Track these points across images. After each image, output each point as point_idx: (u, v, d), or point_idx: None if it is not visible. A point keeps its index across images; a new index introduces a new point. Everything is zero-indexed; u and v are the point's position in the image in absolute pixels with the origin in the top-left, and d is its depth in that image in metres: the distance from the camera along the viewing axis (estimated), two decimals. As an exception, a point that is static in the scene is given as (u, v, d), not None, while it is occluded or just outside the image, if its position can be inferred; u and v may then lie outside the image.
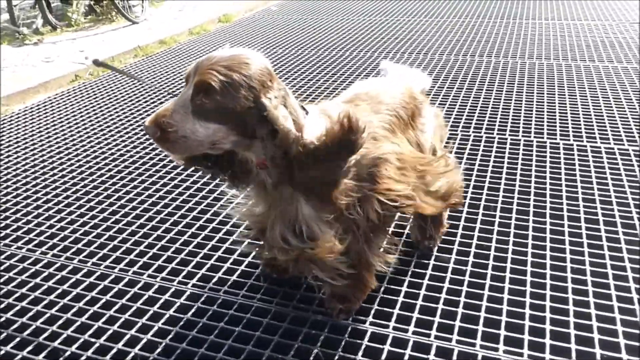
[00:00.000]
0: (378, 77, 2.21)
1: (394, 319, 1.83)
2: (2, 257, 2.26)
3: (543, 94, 3.71)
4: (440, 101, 3.62)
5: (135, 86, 4.30)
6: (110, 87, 4.32)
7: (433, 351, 1.69)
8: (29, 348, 1.78)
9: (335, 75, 4.23)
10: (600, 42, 4.85)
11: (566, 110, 3.44)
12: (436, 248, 2.16)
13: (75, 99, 4.12)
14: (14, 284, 2.09)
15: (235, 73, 1.38)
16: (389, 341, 1.74)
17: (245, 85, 1.39)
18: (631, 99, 3.56)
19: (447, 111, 3.46)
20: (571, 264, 2.06)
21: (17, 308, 1.96)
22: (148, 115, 3.65)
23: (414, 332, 1.77)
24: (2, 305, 1.98)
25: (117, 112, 3.78)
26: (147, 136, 1.44)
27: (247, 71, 1.40)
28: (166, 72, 4.62)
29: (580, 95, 3.66)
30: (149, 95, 4.07)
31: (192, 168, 1.74)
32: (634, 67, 4.16)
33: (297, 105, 1.53)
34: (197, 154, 1.49)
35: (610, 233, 2.23)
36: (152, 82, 3.74)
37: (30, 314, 1.93)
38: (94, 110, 3.86)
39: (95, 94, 4.19)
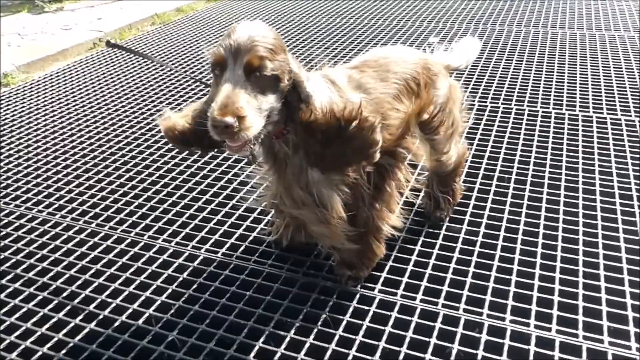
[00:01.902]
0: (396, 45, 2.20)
1: (402, 286, 1.86)
2: (23, 219, 2.32)
3: (564, 64, 3.65)
4: (458, 72, 3.57)
5: (153, 55, 4.31)
6: (129, 55, 4.34)
7: (440, 319, 1.72)
8: (50, 306, 1.84)
9: (351, 45, 4.19)
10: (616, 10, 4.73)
11: (587, 81, 3.38)
12: (447, 218, 2.17)
13: (94, 67, 4.15)
14: (35, 245, 2.16)
15: (271, 39, 1.38)
16: (396, 308, 1.77)
17: (280, 49, 1.40)
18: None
19: (465, 82, 3.42)
20: (583, 236, 2.05)
21: (38, 268, 2.03)
22: (165, 84, 3.68)
23: (422, 300, 1.80)
24: (25, 265, 2.05)
25: (134, 80, 3.81)
26: (217, 134, 1.31)
27: (275, 36, 1.41)
28: (183, 40, 4.62)
29: (603, 66, 3.59)
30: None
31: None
32: (659, 39, 4.06)
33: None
34: (259, 135, 1.39)
35: (625, 207, 2.21)
36: (165, 62, 3.74)
37: (50, 274, 1.99)
38: (111, 77, 3.89)
39: (113, 62, 4.22)
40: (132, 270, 2.00)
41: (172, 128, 1.56)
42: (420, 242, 2.06)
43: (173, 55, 4.25)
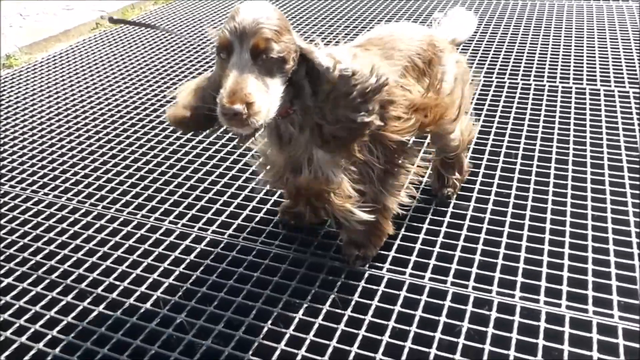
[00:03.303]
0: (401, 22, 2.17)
1: (410, 265, 1.85)
2: (30, 202, 2.32)
3: (570, 36, 3.59)
4: (463, 46, 3.52)
5: (156, 34, 4.26)
6: (132, 35, 4.30)
7: (449, 297, 1.71)
8: (58, 289, 1.85)
9: (355, 22, 4.13)
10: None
11: (594, 54, 3.32)
12: (455, 195, 2.15)
13: (97, 47, 4.11)
14: (41, 228, 2.16)
15: (275, 20, 1.35)
16: (405, 287, 1.76)
17: (285, 29, 1.38)
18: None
19: (470, 56, 3.37)
20: (592, 211, 2.03)
21: (46, 252, 2.03)
22: (169, 64, 3.64)
23: (431, 279, 1.79)
24: (32, 249, 2.05)
25: (137, 60, 3.77)
26: (226, 121, 1.30)
27: (279, 17, 1.38)
28: (186, 18, 4.57)
29: (610, 38, 3.53)
30: (170, 44, 4.04)
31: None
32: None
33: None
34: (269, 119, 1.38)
35: (633, 180, 2.19)
36: (175, 31, 3.69)
37: (58, 257, 2.00)
38: (114, 58, 3.86)
39: (116, 42, 4.18)
40: (139, 252, 2.00)
41: (177, 116, 1.53)
42: (428, 220, 2.05)
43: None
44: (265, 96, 1.32)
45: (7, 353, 1.63)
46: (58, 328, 1.70)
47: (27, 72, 3.74)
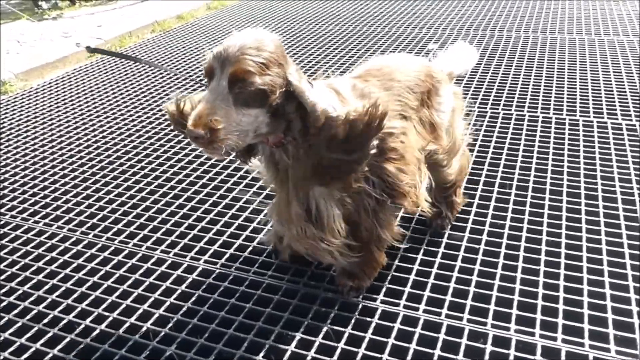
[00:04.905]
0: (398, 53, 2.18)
1: (404, 297, 1.83)
2: (19, 230, 2.29)
3: (563, 69, 3.63)
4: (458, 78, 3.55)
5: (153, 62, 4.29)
6: (129, 63, 4.32)
7: (444, 329, 1.69)
8: (45, 320, 1.81)
9: (351, 52, 4.17)
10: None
11: (587, 86, 3.36)
12: (449, 226, 2.14)
13: (93, 74, 4.13)
14: (30, 257, 2.13)
15: (264, 52, 1.35)
16: (399, 319, 1.74)
17: (275, 62, 1.37)
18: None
19: (465, 87, 3.40)
20: (587, 242, 2.03)
21: (34, 281, 2.00)
22: (165, 92, 3.66)
23: (425, 311, 1.77)
24: (20, 278, 2.02)
25: (133, 88, 3.79)
26: (190, 141, 1.36)
27: (272, 49, 1.37)
28: (184, 47, 4.60)
29: (602, 70, 3.57)
30: (166, 72, 4.06)
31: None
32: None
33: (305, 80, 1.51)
34: (242, 148, 1.42)
35: (627, 212, 2.19)
36: (153, 62, 3.70)
37: (47, 287, 1.96)
38: (110, 85, 3.87)
39: (112, 69, 4.20)
40: (129, 282, 1.97)
41: (178, 115, 1.56)
42: (422, 251, 2.03)
43: (173, 63, 4.23)
44: (235, 125, 1.33)
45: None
46: (44, 360, 1.66)
47: (22, 99, 3.74)
